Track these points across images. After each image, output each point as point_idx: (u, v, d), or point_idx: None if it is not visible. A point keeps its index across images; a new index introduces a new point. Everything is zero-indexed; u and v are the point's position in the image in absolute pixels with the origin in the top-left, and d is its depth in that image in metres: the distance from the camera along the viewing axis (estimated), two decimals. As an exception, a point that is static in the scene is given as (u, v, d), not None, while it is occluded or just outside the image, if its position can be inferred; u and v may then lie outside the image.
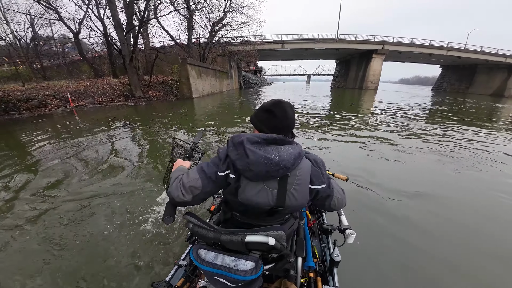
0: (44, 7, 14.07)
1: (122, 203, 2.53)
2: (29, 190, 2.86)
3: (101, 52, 21.30)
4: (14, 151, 4.57)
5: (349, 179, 1.60)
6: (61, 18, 15.20)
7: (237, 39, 21.62)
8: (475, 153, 4.55)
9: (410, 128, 6.83)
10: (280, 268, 0.88)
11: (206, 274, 0.79)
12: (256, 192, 0.76)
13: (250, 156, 0.73)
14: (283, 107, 0.84)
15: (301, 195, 0.78)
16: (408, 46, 30.90)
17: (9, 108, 8.88)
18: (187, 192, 0.82)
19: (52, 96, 10.38)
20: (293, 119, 0.86)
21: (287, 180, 0.77)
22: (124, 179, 3.12)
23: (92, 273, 1.65)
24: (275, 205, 0.77)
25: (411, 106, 13.51)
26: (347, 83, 42.84)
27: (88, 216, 2.31)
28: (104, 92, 12.49)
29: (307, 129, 6.38)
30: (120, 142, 5.01)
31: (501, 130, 7.04)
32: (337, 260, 1.04)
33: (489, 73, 37.10)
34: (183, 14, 17.34)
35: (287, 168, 0.74)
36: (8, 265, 1.73)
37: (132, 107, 11.01)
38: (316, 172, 0.82)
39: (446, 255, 1.85)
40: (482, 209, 2.57)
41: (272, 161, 0.72)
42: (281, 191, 0.76)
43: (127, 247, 1.88)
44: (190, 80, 14.79)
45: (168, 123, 7.17)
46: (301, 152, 0.79)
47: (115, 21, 11.66)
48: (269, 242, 0.69)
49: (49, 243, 1.94)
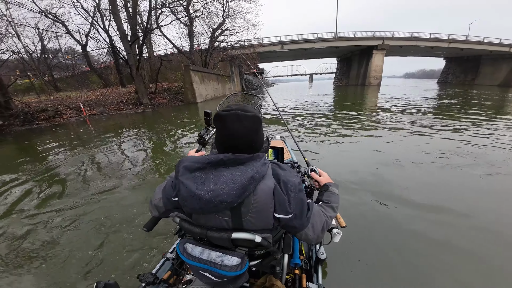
0: (52, 21, 14.97)
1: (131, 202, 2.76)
2: (49, 195, 3.12)
3: (107, 62, 22.25)
4: (36, 160, 5.03)
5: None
6: (68, 31, 16.09)
7: (237, 43, 22.16)
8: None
9: (428, 125, 6.25)
10: (267, 264, 0.88)
11: (192, 269, 0.79)
12: (208, 220, 0.70)
13: (181, 191, 0.64)
14: (236, 115, 0.66)
15: (260, 222, 0.68)
16: (408, 40, 30.83)
17: (27, 119, 9.57)
18: (154, 209, 0.83)
19: (66, 106, 11.06)
20: (252, 134, 0.69)
21: (241, 209, 0.66)
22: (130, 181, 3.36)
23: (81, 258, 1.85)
24: (233, 228, 0.69)
25: (421, 100, 13.08)
26: (349, 80, 42.83)
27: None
28: (114, 101, 13.15)
29: (309, 130, 6.15)
30: (131, 147, 5.45)
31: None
32: (322, 258, 1.06)
33: (494, 63, 36.52)
34: (183, 22, 17.97)
35: (228, 203, 0.61)
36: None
37: (141, 114, 11.56)
38: (281, 198, 0.66)
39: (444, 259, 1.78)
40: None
41: (202, 199, 0.60)
42: (236, 219, 0.67)
43: (122, 240, 2.03)
44: (194, 86, 15.33)
45: (176, 128, 7.63)
46: (255, 175, 0.63)
47: (120, 33, 12.32)
48: (255, 239, 0.68)
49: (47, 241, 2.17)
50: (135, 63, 12.96)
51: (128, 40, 12.69)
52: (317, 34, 29.72)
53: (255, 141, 0.72)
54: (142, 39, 13.18)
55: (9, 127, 9.07)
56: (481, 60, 38.49)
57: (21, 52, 16.56)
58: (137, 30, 13.76)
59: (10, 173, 4.03)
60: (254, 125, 0.69)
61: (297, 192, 0.69)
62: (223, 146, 0.72)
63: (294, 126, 6.81)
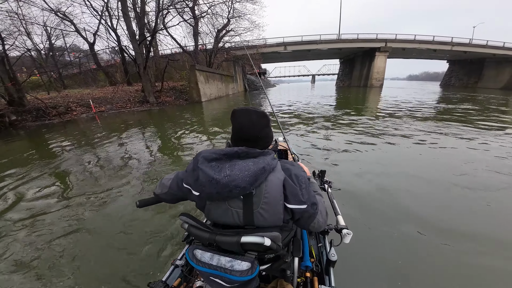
0: (61, 19, 15.38)
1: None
2: (57, 189, 3.25)
3: (113, 61, 22.69)
4: (47, 155, 5.29)
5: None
6: (77, 30, 16.51)
7: (241, 43, 22.48)
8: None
9: (439, 132, 5.86)
10: (277, 268, 0.88)
11: (202, 275, 0.79)
12: (221, 212, 0.74)
13: (200, 177, 0.70)
14: (247, 110, 0.80)
15: (271, 215, 0.72)
16: (411, 43, 30.91)
17: (39, 114, 9.96)
18: (159, 187, 0.92)
19: (76, 103, 11.45)
20: (259, 127, 0.81)
21: (252, 199, 0.71)
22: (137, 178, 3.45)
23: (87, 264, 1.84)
24: (244, 224, 0.74)
25: (428, 103, 12.72)
26: (351, 81, 42.96)
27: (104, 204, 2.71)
28: (121, 98, 13.54)
29: (311, 132, 5.99)
30: (140, 143, 5.73)
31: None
32: (334, 260, 1.03)
33: (498, 67, 36.41)
34: (189, 23, 18.33)
35: (241, 188, 0.67)
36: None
37: (147, 112, 11.91)
38: (293, 189, 0.73)
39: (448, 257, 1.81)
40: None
41: (219, 183, 0.67)
42: (247, 211, 0.72)
43: (128, 244, 2.03)
44: (199, 85, 15.69)
45: (187, 125, 7.92)
46: (266, 166, 0.71)
47: (130, 32, 12.71)
48: (264, 243, 0.69)
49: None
50: (143, 62, 13.33)
51: (136, 40, 13.05)
52: (320, 36, 29.94)
53: (263, 135, 0.82)
54: (150, 39, 13.53)
55: (22, 122, 9.46)
56: (485, 63, 38.37)
57: (32, 50, 17.05)
58: (144, 30, 14.13)
59: (21, 166, 4.24)
60: (261, 119, 0.80)
61: (307, 184, 0.78)
62: (236, 138, 0.82)
63: (290, 127, 6.93)
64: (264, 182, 0.71)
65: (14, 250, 2.04)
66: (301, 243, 1.03)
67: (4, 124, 8.69)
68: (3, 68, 9.27)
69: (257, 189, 0.71)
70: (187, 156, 4.47)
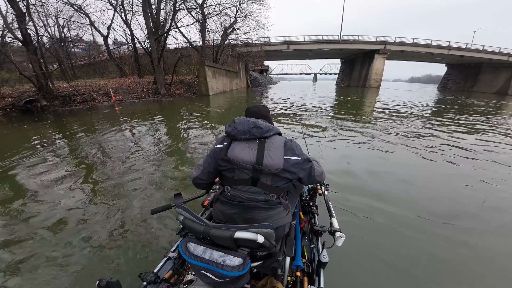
0: (76, 11, 16.10)
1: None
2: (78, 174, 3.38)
3: (122, 53, 23.66)
4: (73, 138, 5.77)
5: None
6: (91, 23, 17.40)
7: (246, 41, 23.51)
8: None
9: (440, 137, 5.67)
10: (268, 266, 0.91)
11: (194, 268, 0.81)
12: (240, 149, 0.97)
13: (236, 121, 1.03)
14: (255, 105, 1.26)
15: (276, 157, 0.94)
16: (409, 46, 31.92)
17: (66, 101, 11.09)
18: (195, 170, 1.11)
19: (96, 91, 12.57)
20: (264, 110, 1.24)
21: (264, 144, 0.97)
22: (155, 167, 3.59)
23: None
24: (256, 163, 0.93)
25: (430, 106, 13.15)
26: (351, 81, 44.04)
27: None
28: (136, 89, 14.68)
29: (310, 136, 5.70)
30: (162, 131, 6.38)
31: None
32: (325, 261, 1.04)
33: (494, 72, 37.54)
34: (199, 21, 19.35)
35: (261, 129, 0.99)
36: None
37: (159, 102, 12.90)
38: (290, 147, 1.01)
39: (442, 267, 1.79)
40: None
41: (249, 121, 1.01)
42: (260, 151, 0.95)
43: (120, 236, 2.05)
44: (207, 80, 16.79)
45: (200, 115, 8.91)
46: (274, 128, 1.04)
47: (148, 29, 13.81)
48: (258, 239, 0.71)
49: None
50: (157, 57, 14.43)
51: (153, 35, 14.16)
52: (322, 36, 30.83)
53: (266, 115, 1.23)
54: (166, 35, 14.62)
55: (51, 107, 10.58)
56: (482, 68, 39.35)
57: (43, 41, 17.91)
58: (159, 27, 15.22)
59: (52, 146, 4.68)
60: (263, 109, 1.25)
61: (300, 149, 1.05)
62: (247, 116, 1.25)
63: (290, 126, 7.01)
64: (273, 136, 1.02)
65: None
66: (294, 243, 1.08)
67: (36, 108, 9.84)
68: (35, 57, 10.37)
69: (268, 139, 1.00)
70: (208, 137, 5.48)
